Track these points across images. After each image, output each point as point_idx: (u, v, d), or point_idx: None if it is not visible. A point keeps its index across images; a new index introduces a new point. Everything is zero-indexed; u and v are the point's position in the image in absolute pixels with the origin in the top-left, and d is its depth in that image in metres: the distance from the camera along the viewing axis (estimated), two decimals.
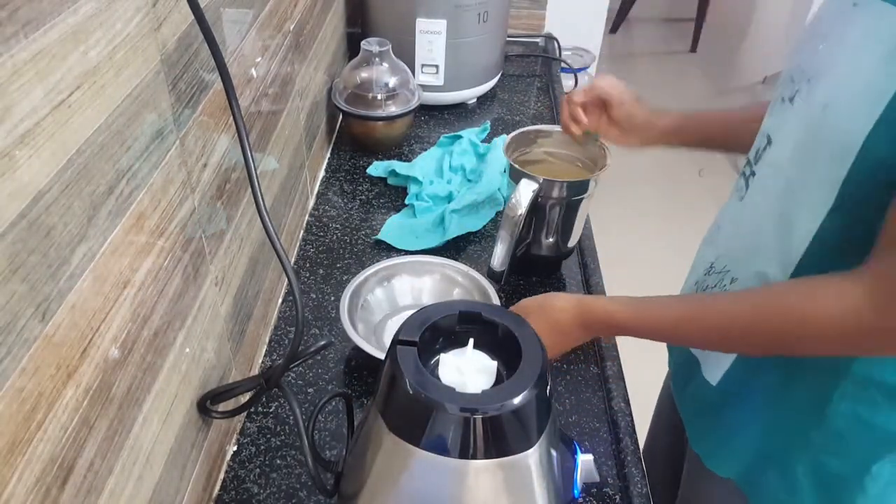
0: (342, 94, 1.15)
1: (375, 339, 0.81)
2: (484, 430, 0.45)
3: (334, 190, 1.10)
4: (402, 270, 0.87)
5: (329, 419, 0.74)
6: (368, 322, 0.83)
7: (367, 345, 0.75)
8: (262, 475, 0.69)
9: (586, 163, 0.91)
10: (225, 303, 0.67)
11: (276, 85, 0.82)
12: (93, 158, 0.41)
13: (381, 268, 0.85)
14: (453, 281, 0.86)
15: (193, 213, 0.57)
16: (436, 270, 0.87)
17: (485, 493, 0.47)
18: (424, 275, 0.87)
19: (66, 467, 0.40)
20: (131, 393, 0.48)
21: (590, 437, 0.74)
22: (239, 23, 0.68)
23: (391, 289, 0.86)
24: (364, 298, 0.83)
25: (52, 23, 0.36)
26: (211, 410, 0.62)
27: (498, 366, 0.51)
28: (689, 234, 2.50)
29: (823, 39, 0.58)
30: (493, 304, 0.54)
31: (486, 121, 1.27)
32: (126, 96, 0.45)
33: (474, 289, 0.84)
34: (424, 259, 0.88)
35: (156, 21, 0.48)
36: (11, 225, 0.34)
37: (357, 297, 0.82)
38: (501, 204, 1.03)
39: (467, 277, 0.85)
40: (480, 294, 0.82)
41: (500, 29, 1.30)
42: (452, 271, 0.86)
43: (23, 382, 0.35)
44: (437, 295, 0.86)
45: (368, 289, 0.84)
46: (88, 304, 0.41)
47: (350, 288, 0.81)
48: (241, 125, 0.53)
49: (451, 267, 0.87)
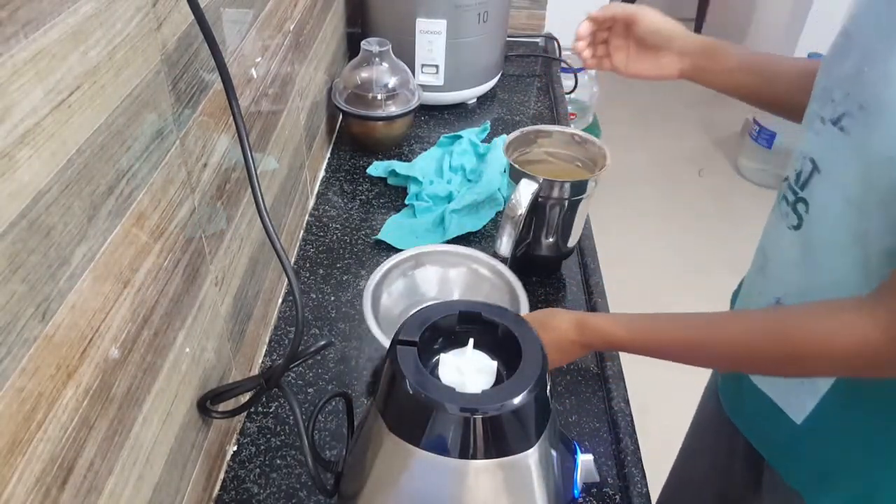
0: (342, 94, 1.15)
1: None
2: (484, 430, 0.45)
3: (334, 190, 1.10)
4: (427, 261, 0.84)
5: (329, 419, 0.74)
6: (389, 315, 0.80)
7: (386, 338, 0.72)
8: (262, 475, 0.69)
9: (586, 163, 0.91)
10: (225, 303, 0.67)
11: (276, 85, 0.82)
12: (93, 158, 0.41)
13: (404, 258, 0.82)
14: (477, 273, 0.83)
15: (193, 213, 0.57)
16: (462, 263, 0.84)
17: (485, 493, 0.47)
18: (449, 267, 0.84)
19: (66, 467, 0.40)
20: (131, 393, 0.48)
21: (590, 437, 0.74)
22: (239, 23, 0.68)
23: (413, 280, 0.83)
24: (386, 290, 0.81)
25: (52, 23, 0.36)
26: (211, 410, 0.62)
27: (498, 366, 0.51)
28: (689, 234, 2.51)
29: (864, 57, 0.54)
30: (493, 304, 0.54)
31: (486, 121, 1.27)
32: (126, 96, 0.45)
33: (501, 282, 0.81)
34: (450, 249, 0.85)
35: (156, 21, 0.48)
36: (11, 225, 0.34)
37: (379, 289, 0.80)
38: (501, 204, 1.03)
39: (493, 270, 0.83)
40: (507, 287, 0.80)
41: (500, 29, 1.30)
42: (477, 264, 0.83)
43: (23, 382, 0.35)
44: (465, 288, 0.83)
45: (391, 280, 0.81)
46: (88, 304, 0.41)
47: (374, 279, 0.79)
48: (241, 125, 0.53)
49: (476, 258, 0.83)
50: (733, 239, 2.46)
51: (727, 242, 2.45)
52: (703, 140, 3.00)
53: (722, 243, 2.44)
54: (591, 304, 0.90)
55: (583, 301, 0.91)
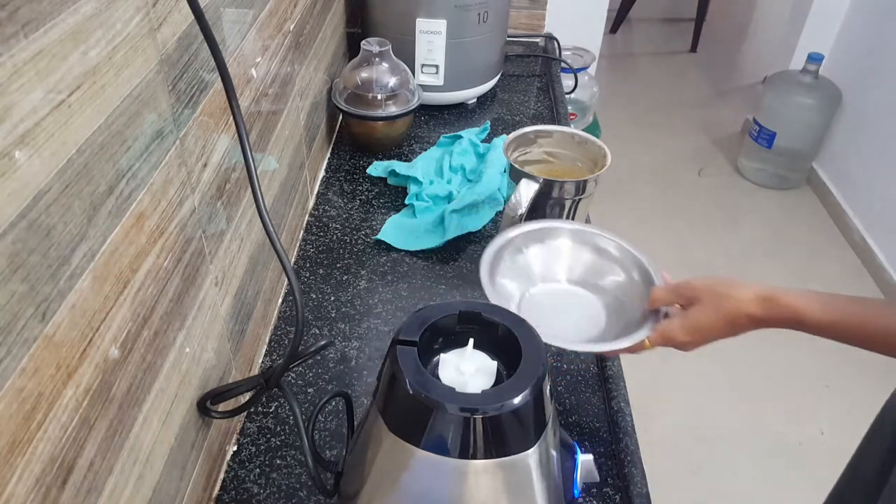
0: (342, 94, 1.15)
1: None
2: (484, 430, 0.45)
3: (334, 190, 1.10)
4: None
5: (329, 419, 0.74)
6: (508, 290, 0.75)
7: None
8: (262, 475, 0.69)
9: (586, 163, 0.91)
10: (225, 303, 0.67)
11: (276, 85, 0.82)
12: (93, 158, 0.41)
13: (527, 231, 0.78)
14: (607, 253, 0.78)
15: (193, 213, 0.57)
16: (588, 241, 0.79)
17: (485, 493, 0.48)
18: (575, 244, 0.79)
19: (66, 467, 0.40)
20: (131, 393, 0.48)
21: (590, 437, 0.74)
22: (239, 23, 0.68)
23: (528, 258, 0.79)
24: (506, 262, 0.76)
25: (52, 23, 0.36)
26: (211, 410, 0.62)
27: (498, 366, 0.51)
28: (689, 234, 2.51)
29: None
30: (493, 304, 0.54)
31: (486, 121, 1.27)
32: (126, 96, 0.45)
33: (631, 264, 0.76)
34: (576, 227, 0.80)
35: (156, 21, 0.48)
36: (11, 225, 0.34)
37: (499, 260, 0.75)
38: (501, 204, 1.03)
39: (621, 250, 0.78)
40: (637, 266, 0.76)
41: (500, 29, 1.30)
42: (606, 242, 0.79)
43: (23, 382, 0.35)
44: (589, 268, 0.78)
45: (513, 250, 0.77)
46: (88, 304, 0.41)
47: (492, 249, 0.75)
48: (241, 125, 0.53)
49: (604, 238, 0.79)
50: (733, 239, 2.46)
51: (727, 242, 2.45)
52: (703, 140, 3.00)
53: (722, 243, 2.44)
54: None
55: None
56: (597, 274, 0.78)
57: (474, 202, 1.01)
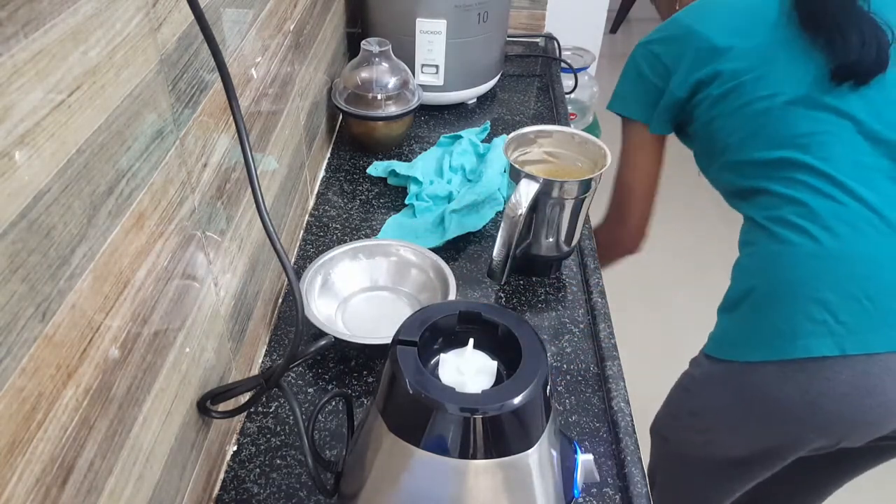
0: (342, 94, 1.15)
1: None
2: (484, 430, 0.45)
3: (334, 190, 1.10)
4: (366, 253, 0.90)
5: (329, 419, 0.74)
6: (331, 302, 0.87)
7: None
8: (262, 475, 0.69)
9: (586, 163, 0.91)
10: (225, 303, 0.67)
11: (276, 85, 0.82)
12: (93, 158, 0.41)
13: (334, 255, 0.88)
14: (409, 262, 0.90)
15: (193, 213, 0.57)
16: (391, 253, 0.91)
17: (485, 493, 0.47)
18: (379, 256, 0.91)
19: (66, 467, 0.40)
20: (131, 393, 0.48)
21: (590, 437, 0.74)
22: (239, 23, 0.68)
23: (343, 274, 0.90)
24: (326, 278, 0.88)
25: (52, 23, 0.36)
26: (211, 410, 0.62)
27: (498, 366, 0.51)
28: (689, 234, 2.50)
29: None
30: (493, 304, 0.54)
31: (486, 121, 1.27)
32: (126, 96, 0.45)
33: (430, 268, 0.88)
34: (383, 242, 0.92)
35: (156, 21, 0.48)
36: (11, 225, 0.34)
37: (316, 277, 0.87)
38: (501, 204, 1.03)
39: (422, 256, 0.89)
40: (436, 273, 0.87)
41: (500, 29, 1.30)
42: (408, 252, 0.90)
43: (23, 382, 0.35)
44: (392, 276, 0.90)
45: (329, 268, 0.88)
46: (88, 304, 0.41)
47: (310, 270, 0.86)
48: (241, 125, 0.53)
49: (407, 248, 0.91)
50: (733, 239, 2.46)
51: (727, 242, 2.44)
52: None
53: (722, 243, 2.44)
54: (590, 303, 0.90)
55: (583, 301, 0.91)
56: (399, 277, 0.90)
57: (474, 202, 1.01)
